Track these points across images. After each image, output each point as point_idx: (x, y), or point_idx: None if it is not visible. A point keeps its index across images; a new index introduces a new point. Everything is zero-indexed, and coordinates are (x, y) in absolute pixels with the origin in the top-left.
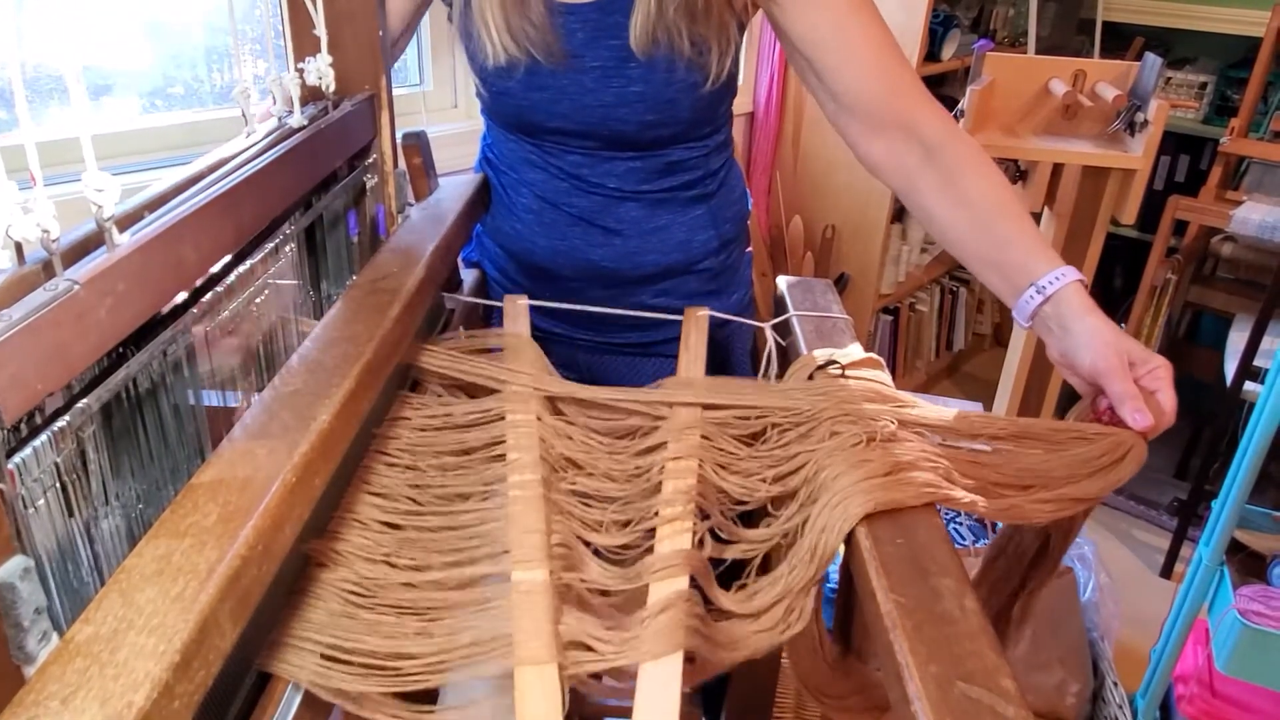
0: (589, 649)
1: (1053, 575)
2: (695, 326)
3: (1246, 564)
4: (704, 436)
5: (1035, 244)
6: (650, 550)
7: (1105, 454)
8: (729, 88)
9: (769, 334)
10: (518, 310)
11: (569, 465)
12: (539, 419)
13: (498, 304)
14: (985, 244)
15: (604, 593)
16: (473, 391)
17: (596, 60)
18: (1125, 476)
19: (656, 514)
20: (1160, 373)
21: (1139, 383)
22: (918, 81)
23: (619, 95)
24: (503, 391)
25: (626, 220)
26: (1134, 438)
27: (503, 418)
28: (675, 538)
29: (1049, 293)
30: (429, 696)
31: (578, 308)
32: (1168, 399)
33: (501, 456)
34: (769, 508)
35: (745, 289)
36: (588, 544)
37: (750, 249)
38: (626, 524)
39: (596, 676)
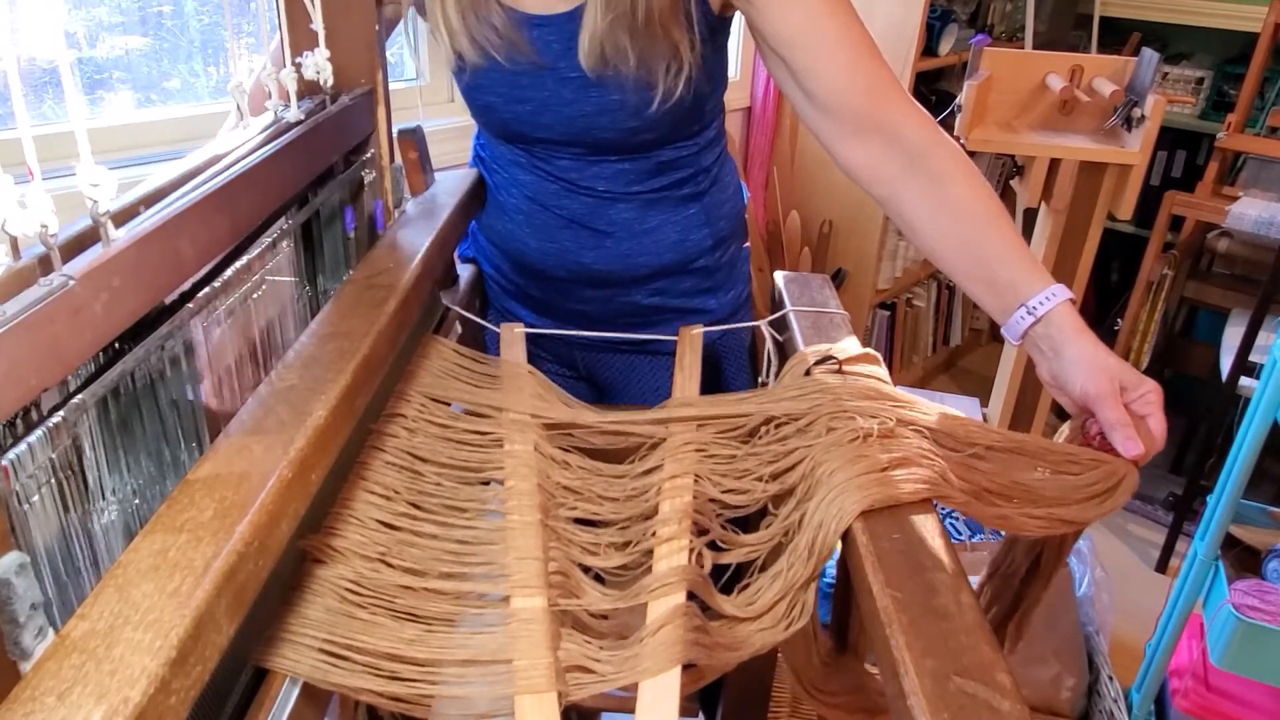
0: (589, 671)
1: (1045, 592)
2: (690, 346)
3: (1241, 559)
4: (699, 450)
5: (1024, 260)
6: (648, 570)
7: (1098, 482)
8: (715, 83)
9: (766, 330)
10: (514, 338)
11: (566, 493)
12: (536, 449)
13: (494, 305)
14: (971, 259)
15: (603, 615)
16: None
17: (574, 70)
18: (1117, 506)
19: (654, 535)
20: (1151, 398)
21: (1129, 407)
22: (898, 83)
23: (599, 104)
24: (501, 417)
25: (618, 222)
26: (1126, 467)
27: (501, 444)
28: (672, 556)
29: (1040, 314)
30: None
31: (574, 334)
32: (1158, 424)
33: (500, 479)
34: (770, 507)
35: (742, 285)
36: (586, 569)
37: (747, 244)
38: (624, 546)
39: None
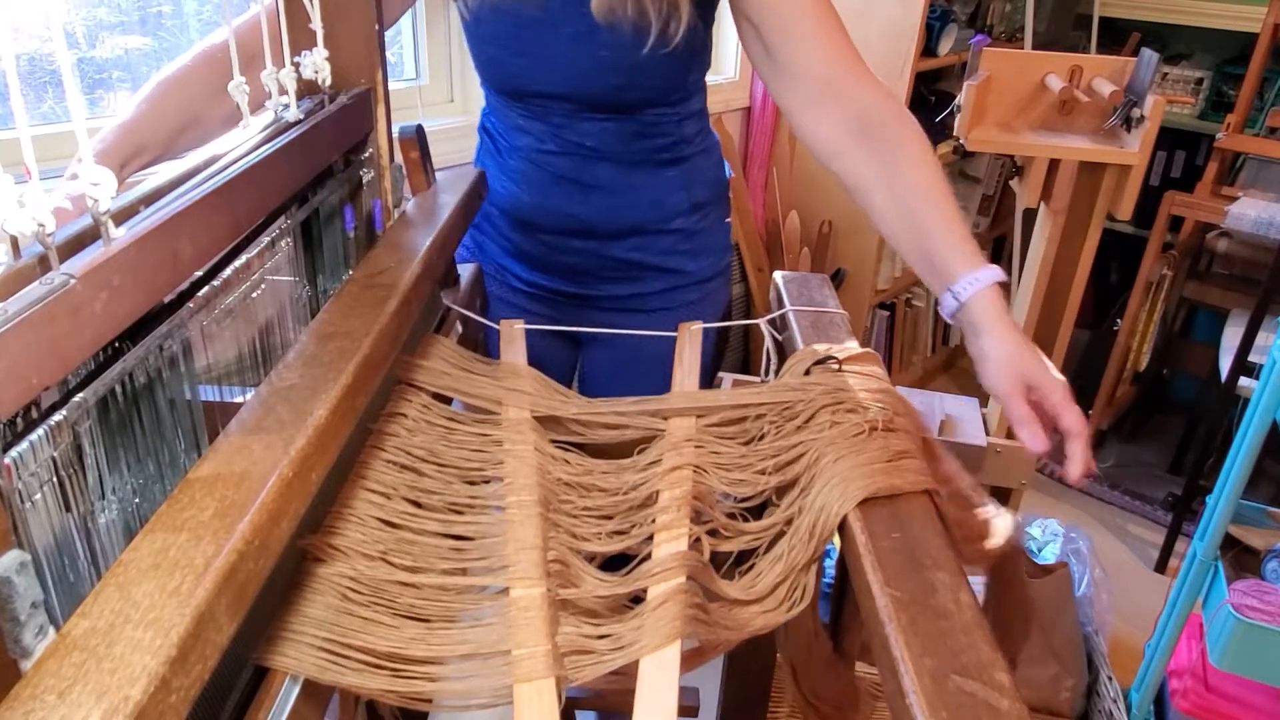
0: (588, 652)
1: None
2: (689, 342)
3: (1241, 559)
4: (699, 446)
5: (957, 238)
6: (648, 557)
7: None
8: (698, 58)
9: (765, 329)
10: (514, 334)
11: (567, 488)
12: (535, 448)
13: (492, 261)
14: (911, 232)
15: (603, 599)
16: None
17: (570, 26)
18: (993, 554)
19: (654, 522)
20: (1055, 399)
21: (1041, 407)
22: (862, 60)
23: (590, 61)
24: (500, 416)
25: (601, 178)
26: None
27: (501, 444)
28: (671, 543)
29: (963, 299)
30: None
31: (569, 288)
32: (1072, 419)
33: (500, 476)
34: (773, 499)
35: (722, 253)
36: (590, 558)
37: (729, 219)
38: (623, 533)
39: None
